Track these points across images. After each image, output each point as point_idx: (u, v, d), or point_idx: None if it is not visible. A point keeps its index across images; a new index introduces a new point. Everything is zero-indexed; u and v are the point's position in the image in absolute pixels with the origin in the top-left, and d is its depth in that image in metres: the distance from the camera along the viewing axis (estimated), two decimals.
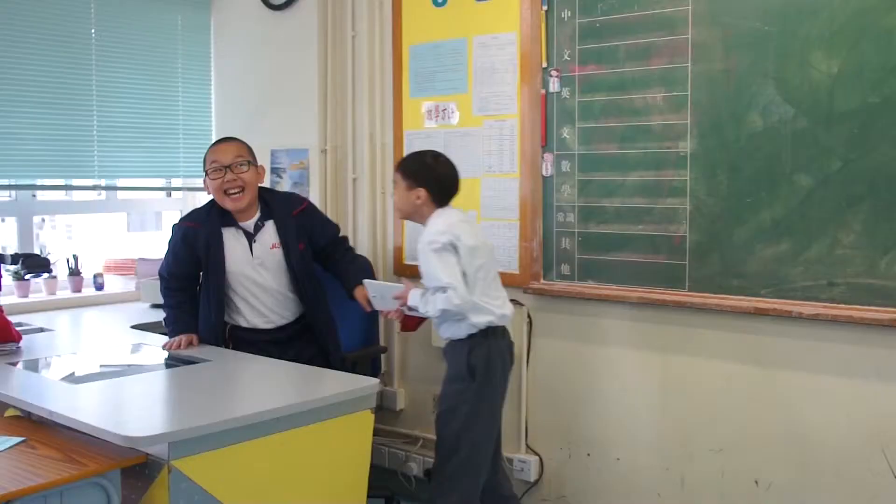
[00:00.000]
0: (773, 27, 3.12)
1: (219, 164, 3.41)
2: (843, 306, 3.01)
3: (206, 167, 3.45)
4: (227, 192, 3.40)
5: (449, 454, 3.13)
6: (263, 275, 3.46)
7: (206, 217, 3.49)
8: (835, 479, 3.11)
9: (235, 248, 3.46)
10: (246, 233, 3.47)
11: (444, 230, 3.06)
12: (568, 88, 3.64)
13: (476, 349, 3.10)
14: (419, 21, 4.15)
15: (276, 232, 3.49)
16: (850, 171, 2.99)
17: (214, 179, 3.40)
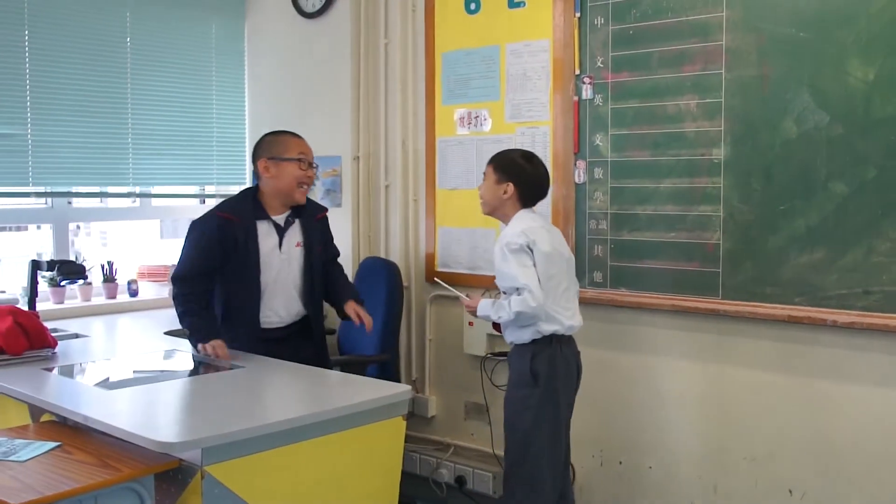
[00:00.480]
0: (808, 33, 3.10)
1: (307, 158, 3.41)
2: (879, 315, 2.98)
3: (285, 152, 3.39)
4: (302, 185, 3.40)
5: (516, 462, 3.15)
6: (286, 271, 3.44)
7: (242, 209, 3.41)
8: (869, 488, 3.07)
9: (266, 241, 3.40)
10: (277, 226, 3.42)
11: (523, 233, 3.06)
12: (601, 95, 3.63)
13: (540, 354, 3.09)
14: (452, 28, 4.16)
15: (300, 232, 3.47)
16: (885, 178, 2.96)
17: (300, 170, 3.38)
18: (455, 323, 4.19)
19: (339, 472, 2.67)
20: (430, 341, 4.34)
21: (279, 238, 3.41)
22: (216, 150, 4.94)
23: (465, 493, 4.19)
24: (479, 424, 4.15)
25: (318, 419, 2.57)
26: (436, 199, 4.26)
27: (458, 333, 4.16)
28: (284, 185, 3.38)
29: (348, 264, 4.49)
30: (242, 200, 3.45)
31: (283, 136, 3.45)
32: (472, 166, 4.09)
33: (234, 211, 3.39)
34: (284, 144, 3.41)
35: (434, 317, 4.34)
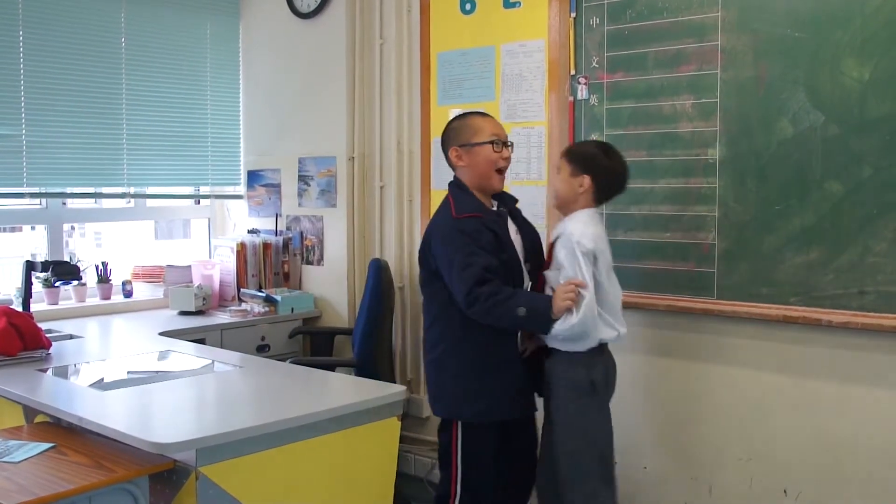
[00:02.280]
0: (803, 34, 3.10)
1: (501, 139, 3.08)
2: (874, 315, 2.98)
3: (475, 137, 3.06)
4: (500, 169, 3.09)
5: (577, 473, 2.98)
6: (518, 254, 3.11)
7: (478, 204, 3.07)
8: (864, 488, 3.07)
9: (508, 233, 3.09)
10: (501, 214, 3.12)
11: (595, 238, 2.91)
12: (596, 95, 3.63)
13: (596, 362, 2.98)
14: (447, 28, 4.15)
15: (510, 219, 3.16)
16: (881, 178, 2.96)
17: (496, 152, 3.05)
18: None
19: (334, 472, 2.67)
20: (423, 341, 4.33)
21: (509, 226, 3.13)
22: (211, 150, 4.93)
23: None
24: None
25: (313, 420, 2.57)
26: (431, 199, 4.25)
27: None
28: (481, 172, 3.08)
29: (342, 266, 4.50)
30: (469, 196, 3.08)
31: (471, 119, 3.14)
32: None
33: (474, 208, 3.04)
34: (474, 127, 3.09)
35: None
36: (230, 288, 4.65)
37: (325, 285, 4.65)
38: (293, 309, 4.52)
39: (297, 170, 4.72)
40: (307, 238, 4.71)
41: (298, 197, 4.74)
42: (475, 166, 3.07)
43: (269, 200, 4.89)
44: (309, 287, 4.72)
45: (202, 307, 4.43)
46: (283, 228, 4.82)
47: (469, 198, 3.06)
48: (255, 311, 4.41)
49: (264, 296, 4.47)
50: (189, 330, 4.04)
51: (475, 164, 3.07)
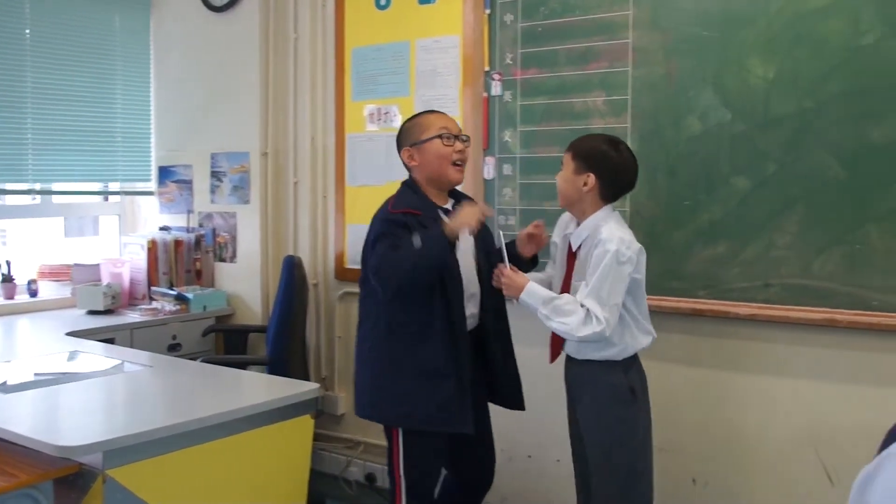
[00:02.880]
0: (711, 33, 3.16)
1: (451, 133, 2.95)
2: (779, 307, 3.06)
3: (424, 134, 2.95)
4: (454, 162, 2.95)
5: (625, 487, 2.82)
6: (467, 257, 2.98)
7: (421, 202, 2.94)
8: (770, 477, 3.16)
9: None
10: (447, 213, 2.95)
11: (632, 242, 2.72)
12: (510, 92, 3.65)
13: (632, 367, 2.83)
14: (361, 24, 4.13)
15: None
16: (785, 174, 3.04)
17: (447, 146, 2.92)
18: None
19: (246, 472, 2.63)
20: (338, 338, 4.31)
21: None
22: (121, 145, 4.82)
23: (376, 490, 4.18)
24: None
25: (224, 419, 2.53)
26: (345, 195, 4.23)
27: None
28: (433, 168, 2.96)
29: (256, 263, 4.45)
30: (410, 194, 2.99)
31: (420, 118, 3.05)
32: (381, 163, 4.08)
33: (412, 204, 2.92)
34: (422, 125, 2.99)
35: (343, 314, 4.31)
36: (140, 286, 4.55)
37: (239, 283, 4.59)
38: (205, 307, 4.45)
39: (209, 166, 4.65)
40: (220, 235, 4.64)
41: (211, 193, 4.66)
42: (427, 164, 2.96)
43: (180, 197, 4.80)
44: (222, 285, 4.66)
45: (111, 306, 4.33)
46: (195, 225, 4.74)
47: (412, 196, 2.96)
48: (166, 309, 4.33)
49: (176, 294, 4.39)
50: (98, 329, 3.94)
51: (427, 161, 2.96)
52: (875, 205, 2.89)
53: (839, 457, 3.02)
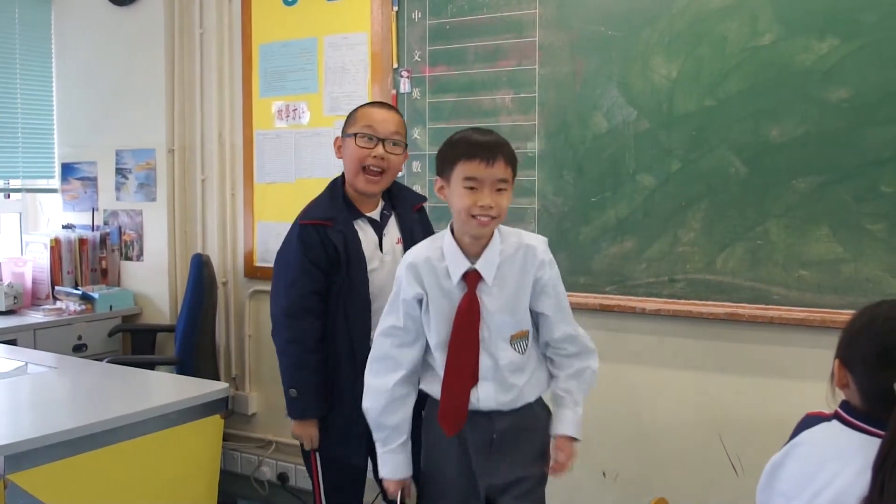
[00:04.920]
0: (616, 32, 3.21)
1: (372, 133, 2.63)
2: (683, 301, 3.13)
3: (349, 127, 2.69)
4: (367, 168, 2.63)
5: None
6: (392, 274, 2.54)
7: (335, 209, 2.68)
8: (678, 468, 3.22)
9: (365, 242, 2.68)
10: (372, 222, 2.72)
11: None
12: (418, 89, 3.65)
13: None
14: (269, 19, 4.09)
15: (399, 226, 2.77)
16: (688, 171, 3.10)
17: (361, 147, 2.62)
18: None
19: (154, 474, 2.59)
20: (249, 337, 4.26)
21: (378, 237, 2.72)
22: (22, 141, 4.68)
23: (288, 490, 4.14)
24: None
25: (131, 420, 2.48)
26: (254, 192, 4.18)
27: None
28: (347, 168, 2.70)
29: (163, 261, 4.38)
30: (329, 198, 2.73)
31: (359, 108, 2.74)
32: (290, 160, 4.04)
33: (322, 213, 2.68)
34: (354, 117, 2.70)
35: (253, 312, 4.26)
36: (44, 286, 4.44)
37: (146, 282, 4.50)
38: (112, 306, 4.36)
39: (114, 162, 4.54)
40: (126, 233, 4.55)
41: (116, 190, 4.56)
42: (345, 163, 2.71)
43: (84, 194, 4.69)
44: (128, 284, 4.56)
45: (13, 306, 4.21)
46: (100, 223, 4.63)
47: (328, 201, 2.72)
48: (70, 309, 4.22)
49: (80, 293, 4.29)
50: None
51: (345, 159, 2.71)
52: (774, 201, 2.97)
53: (743, 447, 3.09)
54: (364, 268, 2.65)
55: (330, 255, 2.62)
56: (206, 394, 2.75)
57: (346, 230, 2.64)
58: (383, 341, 2.31)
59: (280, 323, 2.69)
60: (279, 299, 2.70)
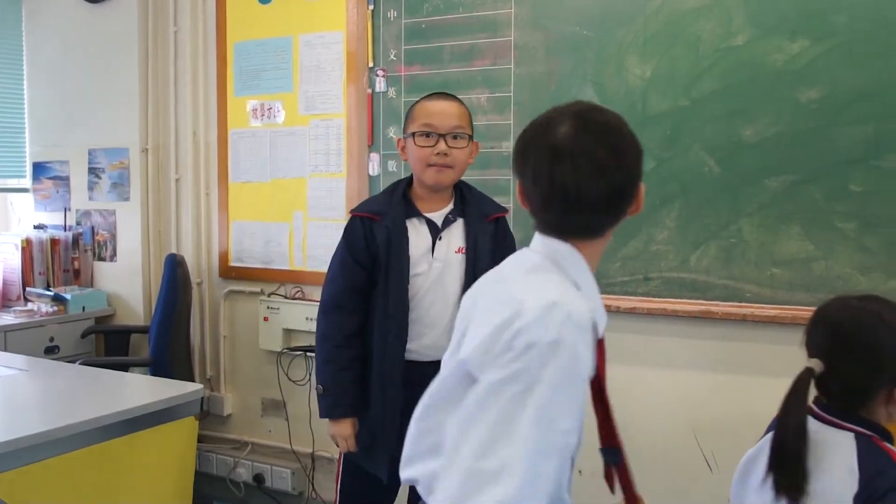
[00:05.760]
0: (591, 32, 3.22)
1: (432, 130, 2.50)
2: (658, 300, 3.15)
3: (409, 126, 2.57)
4: (434, 165, 2.51)
5: None
6: (440, 283, 2.54)
7: (388, 204, 2.57)
8: (654, 467, 3.23)
9: (416, 242, 2.54)
10: (430, 224, 2.56)
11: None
12: (394, 88, 3.65)
13: None
14: (244, 18, 4.07)
15: (464, 233, 2.58)
16: (663, 170, 3.12)
17: (422, 147, 2.50)
18: (250, 319, 4.12)
19: (129, 477, 2.57)
20: (224, 338, 4.25)
21: (432, 239, 2.55)
22: None
23: (264, 491, 4.13)
24: (277, 421, 4.10)
25: (105, 423, 2.48)
26: (228, 192, 4.17)
27: (254, 329, 4.09)
28: (417, 167, 2.56)
29: (137, 261, 4.35)
30: (388, 194, 2.62)
31: (417, 104, 2.61)
32: (265, 159, 4.02)
33: (374, 207, 2.60)
34: (412, 115, 2.59)
35: (228, 313, 4.24)
36: (15, 287, 4.40)
37: (119, 282, 4.47)
38: (84, 307, 4.32)
39: (87, 161, 4.51)
40: (99, 233, 4.52)
41: (89, 190, 4.52)
42: (410, 162, 2.58)
43: (57, 194, 4.65)
44: (101, 284, 4.53)
45: None
46: (72, 223, 4.60)
47: (385, 196, 2.61)
48: (42, 310, 4.19)
49: (52, 294, 4.26)
50: None
51: (410, 159, 2.58)
52: (747, 200, 3.00)
53: (718, 444, 3.12)
54: (405, 269, 2.50)
55: (372, 251, 2.52)
56: (179, 395, 2.75)
57: (392, 226, 2.51)
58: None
59: (318, 318, 2.62)
60: (322, 294, 2.63)
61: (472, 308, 1.58)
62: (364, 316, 2.55)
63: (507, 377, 1.36)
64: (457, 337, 1.59)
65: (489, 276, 1.64)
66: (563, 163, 1.44)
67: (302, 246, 3.94)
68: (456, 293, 2.51)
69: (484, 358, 1.41)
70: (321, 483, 4.01)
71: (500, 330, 1.39)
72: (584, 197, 1.45)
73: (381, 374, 2.51)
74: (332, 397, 2.54)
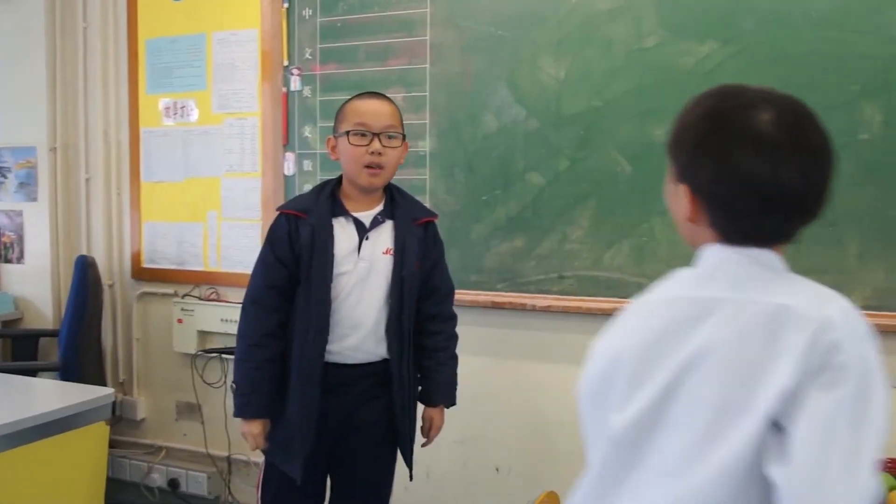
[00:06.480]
0: (506, 32, 3.24)
1: (366, 129, 2.46)
2: (573, 298, 3.18)
3: (340, 125, 2.51)
4: (369, 165, 2.46)
5: None
6: (364, 285, 2.50)
7: (315, 202, 2.52)
8: (570, 461, 3.26)
9: (342, 242, 2.49)
10: (357, 224, 2.52)
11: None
12: (309, 87, 3.62)
13: None
14: (156, 14, 4.00)
15: (393, 235, 2.55)
16: (576, 169, 3.15)
17: (356, 146, 2.45)
18: (163, 321, 4.05)
19: (38, 484, 2.51)
20: (137, 341, 4.17)
21: (359, 239, 2.51)
22: None
23: (179, 496, 4.06)
24: (192, 424, 4.04)
25: (12, 430, 2.42)
26: (140, 192, 4.09)
27: (167, 331, 4.02)
28: (351, 168, 2.50)
29: (45, 264, 4.25)
30: (316, 192, 2.57)
31: (349, 102, 2.55)
32: (178, 158, 3.96)
33: (300, 204, 2.55)
34: (344, 112, 2.53)
35: (141, 315, 4.17)
36: None
37: (27, 285, 4.35)
38: None
39: None
40: (5, 234, 4.39)
41: None
42: (343, 161, 2.53)
43: None
44: (8, 287, 4.40)
45: None
46: None
47: (314, 194, 2.56)
48: None
49: None
50: None
51: (342, 158, 2.53)
52: (659, 199, 3.00)
53: None
54: (329, 268, 2.46)
55: (295, 249, 2.47)
56: (90, 400, 2.69)
57: (318, 225, 2.47)
58: None
59: (240, 315, 2.55)
60: (245, 292, 2.57)
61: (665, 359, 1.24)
62: (285, 315, 2.50)
63: (843, 397, 1.14)
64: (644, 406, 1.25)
65: (654, 326, 1.29)
66: (792, 158, 1.23)
67: (216, 246, 3.89)
68: (382, 295, 2.50)
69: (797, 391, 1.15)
70: (238, 487, 3.96)
71: (810, 351, 1.16)
72: (813, 195, 1.26)
73: (299, 374, 2.46)
74: (245, 396, 2.49)
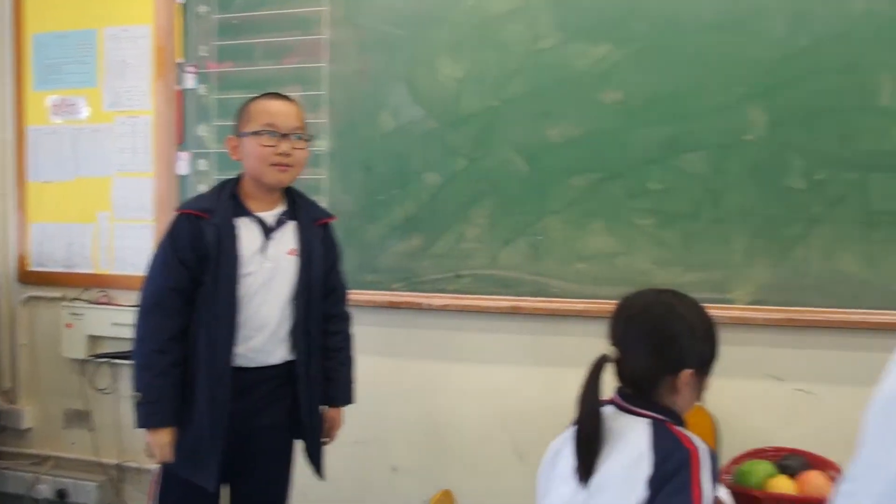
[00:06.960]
0: (404, 31, 3.24)
1: (275, 130, 2.46)
2: (469, 296, 3.19)
3: (246, 126, 2.50)
4: (276, 163, 2.47)
5: None
6: (270, 286, 2.50)
7: (217, 202, 2.48)
8: (466, 459, 3.28)
9: (247, 242, 2.47)
10: (262, 224, 2.51)
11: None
12: (205, 85, 3.56)
13: None
14: (43, 8, 3.88)
15: (297, 236, 2.56)
16: (473, 169, 3.17)
17: (265, 146, 2.45)
18: (52, 326, 3.92)
19: None
20: (23, 346, 4.02)
21: (265, 239, 2.51)
22: None
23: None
24: (81, 432, 3.91)
25: None
26: (26, 192, 3.95)
27: (56, 337, 3.89)
28: (256, 167, 2.48)
29: None
30: (216, 192, 2.53)
31: (252, 103, 2.55)
32: (68, 157, 3.84)
33: (201, 204, 2.49)
34: (249, 113, 2.52)
35: (27, 320, 4.02)
36: None
37: None
38: None
39: None
40: None
41: None
42: (247, 162, 2.52)
43: None
44: None
45: None
46: None
47: (215, 194, 2.53)
48: None
49: None
50: None
51: (247, 157, 2.51)
52: (553, 198, 3.09)
53: (526, 435, 3.19)
54: (235, 268, 2.43)
55: (199, 251, 2.42)
56: None
57: (221, 225, 2.43)
58: None
59: (136, 320, 2.45)
60: (141, 294, 2.47)
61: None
62: (186, 318, 2.44)
63: None
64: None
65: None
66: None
67: (108, 248, 3.79)
68: (286, 295, 2.51)
69: None
70: (130, 494, 3.85)
71: None
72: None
73: (208, 377, 2.41)
74: (150, 405, 2.40)
